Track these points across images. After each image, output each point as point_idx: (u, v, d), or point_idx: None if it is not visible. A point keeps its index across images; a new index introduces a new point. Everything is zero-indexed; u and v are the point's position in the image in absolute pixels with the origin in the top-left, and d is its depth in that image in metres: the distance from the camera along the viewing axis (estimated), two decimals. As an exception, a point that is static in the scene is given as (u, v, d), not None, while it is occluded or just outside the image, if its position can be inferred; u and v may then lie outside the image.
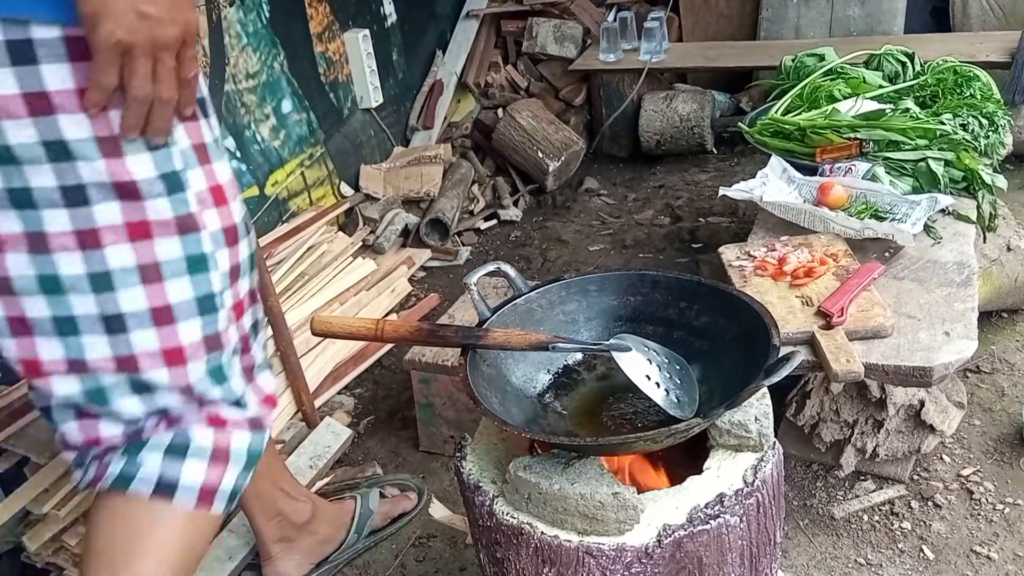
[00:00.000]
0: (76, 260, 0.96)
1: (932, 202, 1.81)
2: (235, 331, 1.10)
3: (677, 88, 3.68)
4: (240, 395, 1.12)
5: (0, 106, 0.89)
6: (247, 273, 1.11)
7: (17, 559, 1.80)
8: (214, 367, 1.07)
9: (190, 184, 1.00)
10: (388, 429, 2.26)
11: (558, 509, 1.05)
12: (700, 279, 1.26)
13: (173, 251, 1.00)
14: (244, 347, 1.14)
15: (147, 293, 0.99)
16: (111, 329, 1.00)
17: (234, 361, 1.11)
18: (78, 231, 0.95)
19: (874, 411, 1.79)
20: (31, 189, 0.93)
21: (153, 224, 0.98)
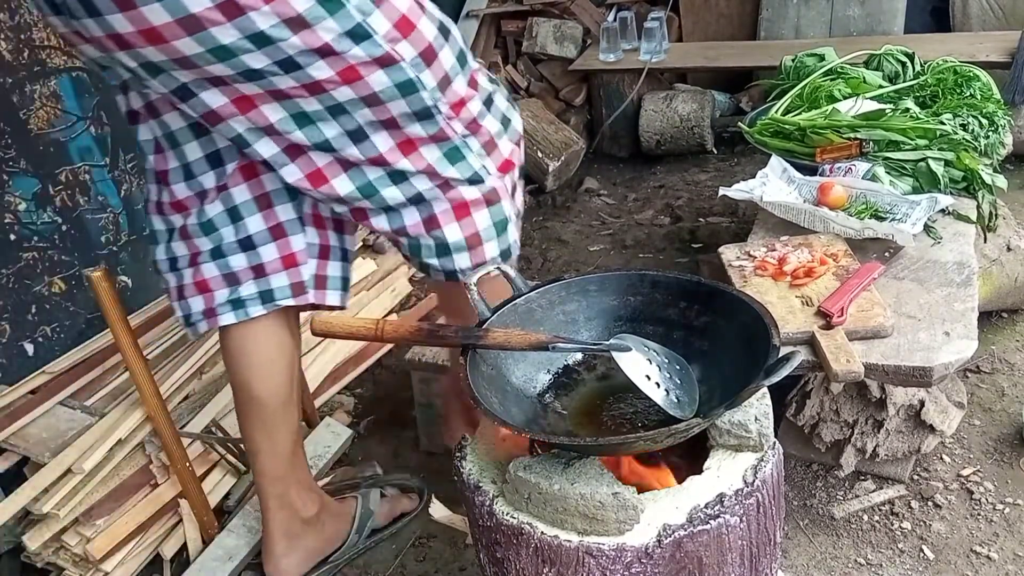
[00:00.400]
0: (313, 102, 1.23)
1: (932, 202, 1.81)
2: (459, 123, 1.34)
3: (677, 88, 3.68)
4: (476, 170, 1.37)
5: (204, 16, 1.10)
6: (458, 73, 1.32)
7: (17, 559, 1.80)
8: (448, 150, 1.34)
9: (375, 29, 1.20)
10: (388, 429, 2.26)
11: (558, 509, 1.04)
12: (700, 279, 1.26)
13: (383, 81, 1.23)
14: (475, 129, 1.37)
15: (373, 112, 1.26)
16: (357, 139, 1.29)
17: (468, 142, 1.36)
18: (304, 84, 1.20)
19: (874, 411, 1.79)
20: (254, 69, 1.17)
21: (358, 66, 1.21)
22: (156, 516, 1.86)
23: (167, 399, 1.88)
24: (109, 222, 2.19)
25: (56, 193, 2.05)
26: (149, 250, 1.55)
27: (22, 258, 1.97)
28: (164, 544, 1.87)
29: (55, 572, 1.80)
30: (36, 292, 2.00)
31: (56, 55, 2.04)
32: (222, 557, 1.81)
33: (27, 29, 1.97)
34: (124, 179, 2.23)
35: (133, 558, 1.83)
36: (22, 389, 1.90)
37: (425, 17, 1.26)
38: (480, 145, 1.38)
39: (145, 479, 1.85)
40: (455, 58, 1.31)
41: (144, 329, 2.09)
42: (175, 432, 1.79)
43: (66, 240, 2.07)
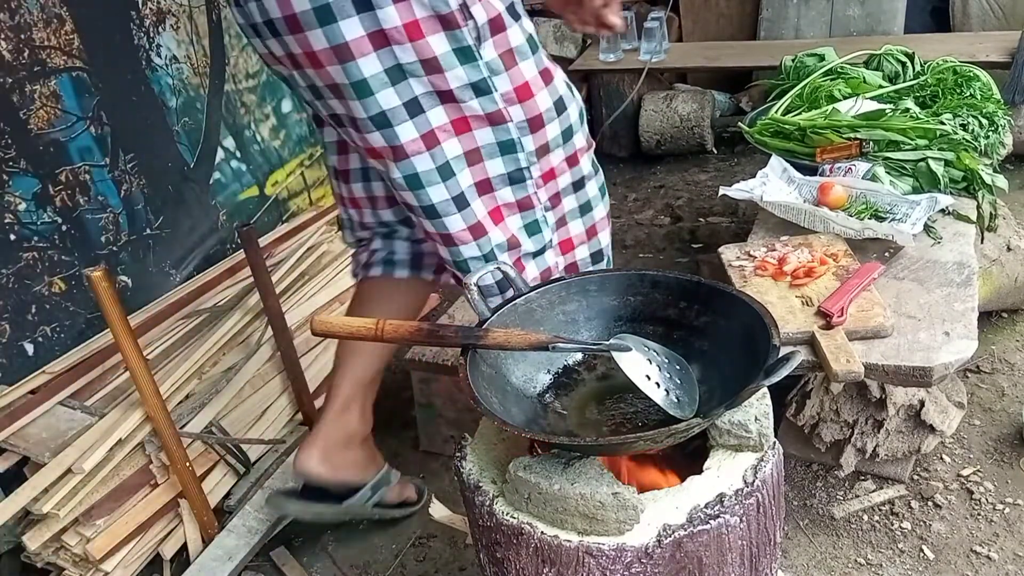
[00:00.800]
0: (426, 158, 1.32)
1: (932, 202, 1.80)
2: (544, 192, 1.44)
3: (677, 88, 3.68)
4: (546, 243, 1.48)
5: (354, 45, 1.22)
6: (559, 146, 1.42)
7: (17, 559, 1.80)
8: (530, 222, 1.44)
9: (496, 87, 1.31)
10: (388, 429, 2.26)
11: (558, 509, 1.04)
12: (700, 279, 1.26)
13: (488, 138, 1.34)
14: (555, 203, 1.47)
15: (472, 173, 1.36)
16: (460, 207, 1.38)
17: (547, 216, 1.46)
18: (422, 135, 1.30)
19: (874, 411, 1.79)
20: (383, 111, 1.28)
21: (471, 119, 1.32)
22: (156, 516, 1.86)
23: (167, 399, 1.88)
24: (109, 222, 2.19)
25: (56, 193, 2.05)
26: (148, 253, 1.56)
27: (22, 258, 1.97)
28: (164, 544, 1.87)
29: (55, 572, 1.80)
30: (36, 292, 2.00)
31: (56, 55, 2.04)
32: (222, 557, 1.81)
33: (27, 29, 1.97)
34: (124, 179, 2.23)
35: (133, 558, 1.83)
36: (22, 389, 1.90)
37: (546, 90, 1.37)
38: (554, 220, 1.49)
39: (145, 479, 1.85)
40: (560, 132, 1.42)
41: (144, 329, 2.10)
42: (175, 432, 1.79)
43: (66, 240, 2.07)
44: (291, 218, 2.84)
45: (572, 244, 1.53)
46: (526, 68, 1.34)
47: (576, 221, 1.52)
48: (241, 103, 2.65)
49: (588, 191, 1.52)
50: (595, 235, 1.57)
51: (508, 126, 1.35)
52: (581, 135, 1.47)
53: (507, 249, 1.44)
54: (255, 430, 2.07)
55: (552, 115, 1.39)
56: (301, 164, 2.91)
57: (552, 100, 1.38)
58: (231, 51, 2.60)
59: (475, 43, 1.28)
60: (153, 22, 2.33)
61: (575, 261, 1.55)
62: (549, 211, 1.47)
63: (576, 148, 1.46)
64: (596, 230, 1.56)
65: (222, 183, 2.58)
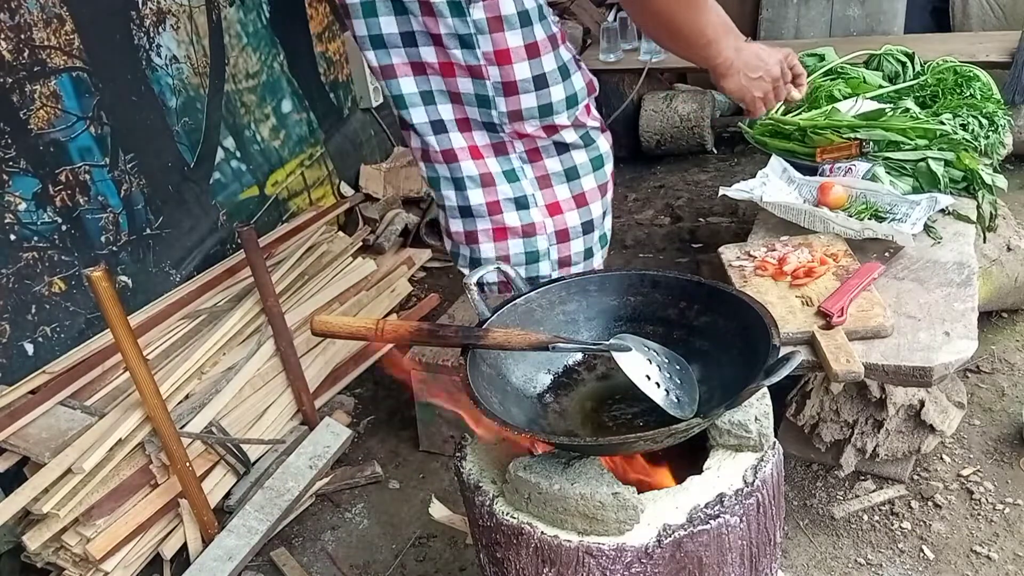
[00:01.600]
0: (410, 83, 1.47)
1: (932, 202, 1.80)
2: (551, 223, 1.56)
3: (677, 88, 3.68)
4: (526, 195, 1.54)
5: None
6: (534, 117, 1.47)
7: (17, 559, 1.80)
8: (507, 169, 1.52)
9: (479, 45, 1.39)
10: (388, 429, 2.27)
11: (558, 509, 1.04)
12: (700, 279, 1.26)
13: (467, 87, 1.44)
14: (533, 157, 1.53)
15: (453, 108, 1.48)
16: (436, 131, 1.51)
17: (527, 169, 1.53)
18: (411, 63, 1.45)
19: (874, 411, 1.79)
20: (382, 34, 1.42)
21: (455, 66, 1.42)
22: (156, 516, 1.86)
23: (167, 399, 1.88)
24: (109, 222, 2.19)
25: (56, 193, 2.05)
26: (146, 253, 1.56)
27: (22, 258, 1.97)
28: (164, 544, 1.87)
29: (55, 572, 1.80)
30: (36, 292, 2.00)
31: (56, 55, 2.04)
32: (222, 557, 1.81)
33: (27, 29, 1.97)
34: (124, 179, 2.23)
35: (133, 558, 1.83)
36: (22, 389, 1.90)
37: (528, 63, 1.43)
38: (534, 175, 1.55)
39: (145, 479, 1.85)
40: (538, 106, 1.47)
41: (144, 329, 2.10)
42: (175, 432, 1.79)
43: (66, 240, 2.07)
44: (291, 218, 2.84)
45: (560, 208, 1.58)
46: (511, 37, 1.40)
47: (562, 185, 1.56)
48: (241, 103, 2.65)
49: (575, 158, 1.55)
50: (585, 204, 1.60)
51: (486, 83, 1.43)
52: (565, 115, 1.50)
53: (480, 185, 1.53)
54: (255, 430, 2.07)
55: (528, 87, 1.44)
56: (301, 164, 2.91)
57: (532, 73, 1.43)
58: (231, 51, 2.60)
59: (466, 2, 1.37)
60: (153, 22, 2.33)
61: (566, 227, 1.59)
62: (527, 164, 1.54)
63: (556, 123, 1.50)
64: (586, 199, 1.59)
65: (222, 183, 2.58)
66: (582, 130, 1.54)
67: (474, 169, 1.52)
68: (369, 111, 3.24)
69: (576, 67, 1.50)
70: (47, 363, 1.98)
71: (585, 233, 1.61)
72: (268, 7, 2.73)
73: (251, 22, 2.67)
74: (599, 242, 1.66)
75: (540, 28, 1.43)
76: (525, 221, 1.56)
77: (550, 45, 1.44)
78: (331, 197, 3.07)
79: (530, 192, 1.54)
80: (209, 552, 1.83)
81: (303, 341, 2.23)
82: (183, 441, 1.81)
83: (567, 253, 1.61)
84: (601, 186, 1.60)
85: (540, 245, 1.59)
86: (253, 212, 2.71)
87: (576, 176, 1.57)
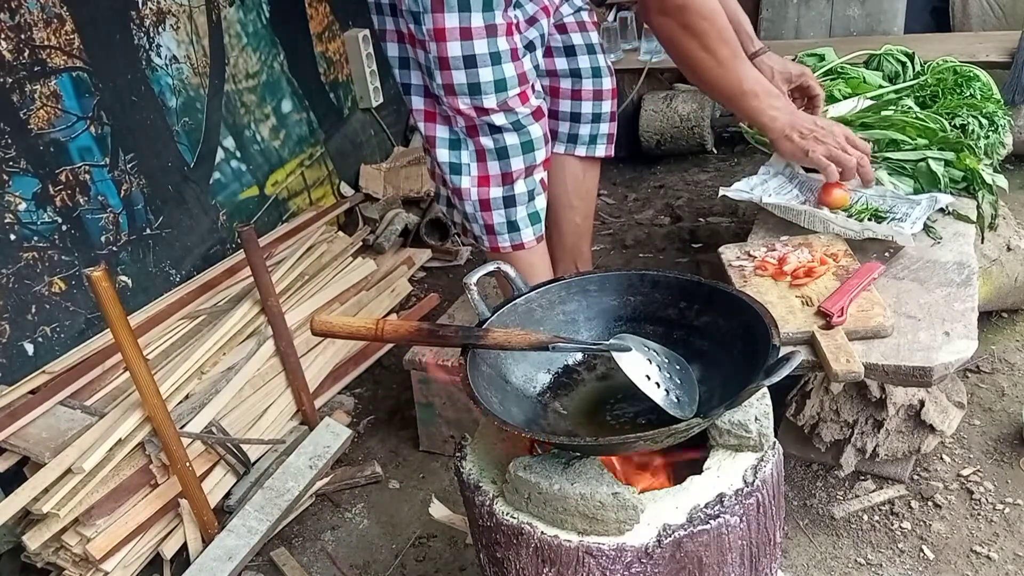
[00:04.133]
0: (389, 48, 1.76)
1: (932, 202, 1.80)
2: (476, 192, 1.76)
3: (677, 88, 3.68)
4: (462, 164, 1.75)
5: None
6: (464, 94, 1.64)
7: (17, 559, 1.80)
8: (452, 138, 1.73)
9: (424, 22, 1.60)
10: (388, 429, 2.27)
11: (558, 509, 1.04)
12: (700, 279, 1.26)
13: (420, 57, 1.67)
14: (471, 133, 1.71)
15: (412, 74, 1.74)
16: (405, 92, 1.76)
17: (469, 143, 1.72)
18: (381, 29, 1.75)
19: (874, 411, 1.79)
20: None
21: (408, 36, 1.67)
22: (156, 516, 1.86)
23: (167, 399, 1.88)
24: (109, 222, 2.19)
25: (56, 193, 2.05)
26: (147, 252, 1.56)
27: (22, 258, 1.97)
28: (164, 544, 1.87)
29: (55, 572, 1.80)
30: (36, 292, 2.00)
31: (56, 55, 2.04)
32: (222, 557, 1.81)
33: (27, 29, 1.97)
34: (124, 179, 2.23)
35: (133, 558, 1.83)
36: (22, 389, 1.90)
37: (460, 43, 1.59)
38: (474, 149, 1.72)
39: (145, 479, 1.85)
40: (467, 83, 1.63)
41: (144, 329, 2.10)
42: (175, 432, 1.79)
43: (66, 240, 2.07)
44: (291, 218, 2.84)
45: (488, 181, 1.76)
46: (449, 18, 1.57)
47: (494, 162, 1.73)
48: (241, 103, 2.65)
49: (505, 139, 1.71)
50: (511, 182, 1.76)
51: (428, 56, 1.63)
52: (493, 98, 1.65)
53: (431, 146, 1.75)
54: (255, 430, 2.07)
55: (459, 64, 1.61)
56: (301, 164, 2.91)
57: (463, 53, 1.60)
58: (231, 51, 2.60)
59: None
60: (153, 22, 2.33)
61: (488, 198, 1.77)
62: (467, 138, 1.72)
63: (485, 104, 1.65)
64: (512, 178, 1.75)
65: (222, 183, 2.58)
66: (512, 116, 1.69)
67: (424, 131, 1.75)
68: (369, 111, 3.24)
69: (513, 58, 1.65)
70: (47, 363, 1.98)
71: (507, 207, 1.79)
72: (268, 7, 2.73)
73: (251, 22, 2.67)
74: (529, 219, 1.82)
75: (480, 16, 1.58)
76: (455, 185, 1.76)
77: (486, 33, 1.60)
78: (331, 197, 3.07)
79: (466, 162, 1.74)
80: (209, 552, 1.83)
81: (303, 341, 2.23)
82: (183, 441, 1.81)
83: (490, 222, 1.80)
84: (529, 167, 1.76)
85: (467, 209, 1.79)
86: (253, 212, 2.71)
87: (506, 156, 1.73)
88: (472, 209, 1.79)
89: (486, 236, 1.83)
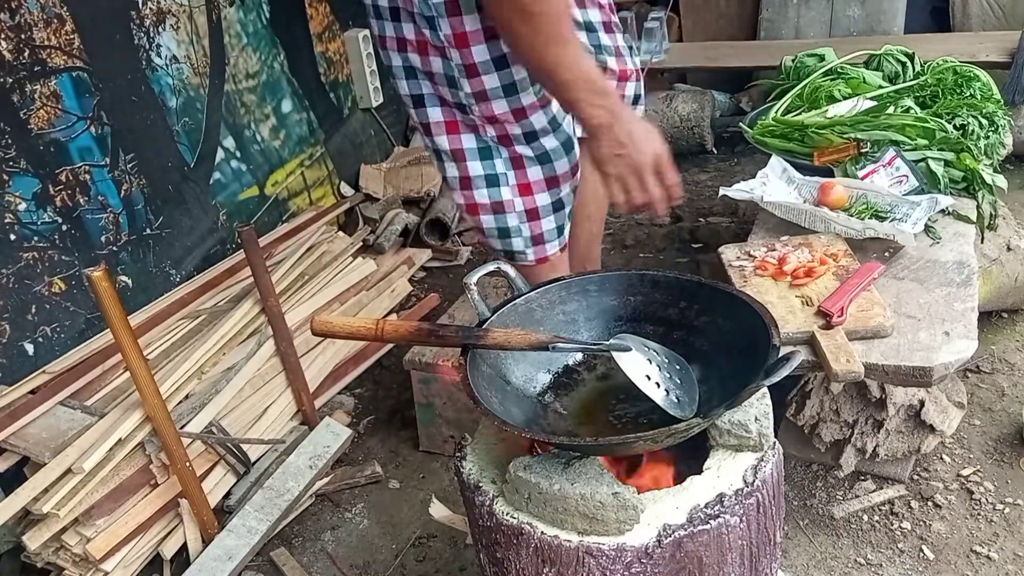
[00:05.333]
0: (396, 57, 1.56)
1: (932, 202, 1.80)
2: (492, 129, 1.55)
3: (677, 88, 3.68)
4: (498, 174, 1.60)
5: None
6: (500, 97, 1.49)
7: (17, 559, 1.80)
8: (482, 147, 1.57)
9: (441, 28, 1.44)
10: (388, 429, 2.27)
11: (558, 509, 1.04)
12: (700, 279, 1.26)
13: (439, 67, 1.50)
14: (505, 143, 1.57)
15: (433, 86, 1.55)
16: (416, 104, 1.58)
17: (522, 227, 1.63)
18: (396, 37, 1.53)
19: (874, 411, 1.79)
20: (379, 5, 1.50)
21: (428, 45, 1.49)
22: (156, 516, 1.86)
23: (167, 399, 1.88)
24: (109, 222, 2.19)
25: (56, 193, 2.05)
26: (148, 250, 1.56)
27: (22, 258, 1.97)
28: (164, 544, 1.87)
29: (55, 572, 1.80)
30: (36, 292, 2.00)
31: (56, 55, 2.04)
32: (222, 557, 1.81)
33: (27, 29, 1.97)
34: (124, 179, 2.23)
35: (133, 558, 1.83)
36: (22, 389, 1.90)
37: (485, 46, 1.45)
38: (508, 156, 1.58)
39: (145, 479, 1.85)
40: (501, 86, 1.49)
41: (144, 329, 2.10)
42: (175, 432, 1.79)
43: (66, 240, 2.07)
44: (291, 218, 2.84)
45: (531, 189, 1.62)
46: (468, 21, 1.43)
47: (535, 167, 1.60)
48: (241, 103, 2.65)
49: (545, 144, 1.58)
50: (557, 185, 1.63)
51: (451, 63, 1.48)
52: (531, 92, 1.51)
53: (454, 159, 1.59)
54: (255, 430, 2.07)
55: (489, 68, 1.47)
56: (301, 164, 2.91)
57: (491, 56, 1.46)
58: (231, 51, 2.60)
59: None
60: (153, 22, 2.33)
61: (536, 207, 1.64)
62: (500, 146, 1.58)
63: (524, 103, 1.52)
64: (558, 181, 1.63)
65: (222, 183, 2.58)
66: (549, 112, 1.55)
67: (446, 144, 1.58)
68: (369, 111, 3.24)
69: None
70: (47, 363, 1.98)
71: (556, 211, 1.66)
72: (268, 7, 2.73)
73: (251, 22, 2.67)
74: (568, 216, 1.71)
75: None
76: (494, 199, 1.61)
77: None
78: (331, 197, 3.07)
79: (502, 171, 1.59)
80: (209, 552, 1.83)
81: (303, 341, 2.23)
82: (183, 441, 1.81)
83: (539, 231, 1.66)
84: (573, 167, 1.64)
85: (511, 222, 1.63)
86: (253, 212, 2.71)
87: (549, 160, 1.59)
88: (515, 222, 1.64)
89: (532, 248, 1.67)
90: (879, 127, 1.97)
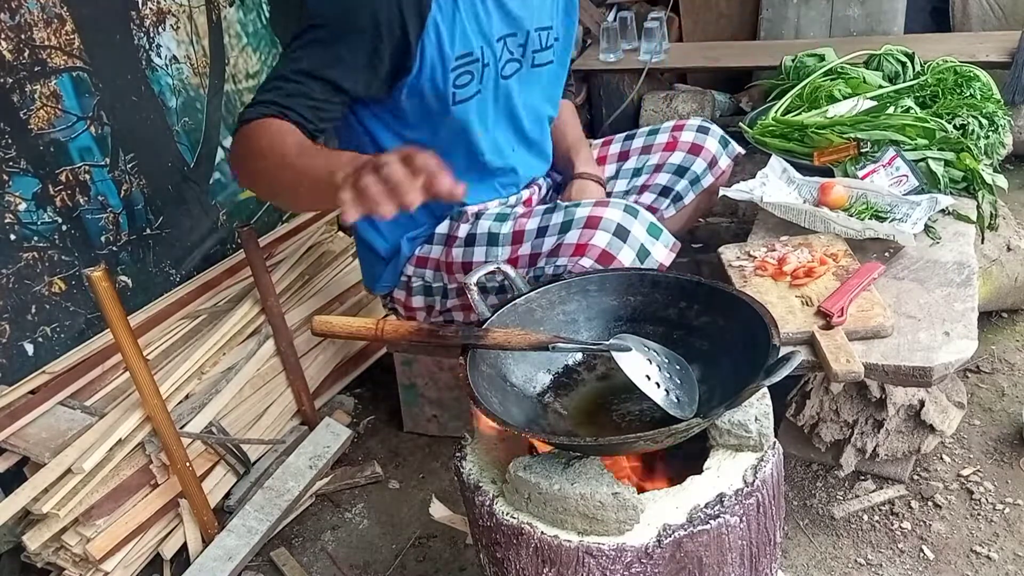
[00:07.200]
0: None
1: (932, 202, 1.80)
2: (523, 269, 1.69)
3: (677, 88, 3.68)
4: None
5: None
6: (530, 240, 1.69)
7: (17, 559, 1.80)
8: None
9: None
10: (388, 429, 2.27)
11: (558, 509, 1.04)
12: (700, 279, 1.26)
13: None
14: (533, 261, 1.69)
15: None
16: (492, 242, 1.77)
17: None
18: None
19: (874, 411, 1.79)
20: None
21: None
22: (156, 516, 1.86)
23: (167, 399, 1.88)
24: (109, 222, 2.19)
25: (56, 193, 2.04)
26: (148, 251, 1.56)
27: (22, 258, 1.97)
28: (164, 544, 1.87)
29: (55, 572, 1.80)
30: (36, 292, 2.00)
31: (56, 55, 2.04)
32: (222, 557, 1.81)
33: (27, 29, 1.97)
34: (124, 179, 2.23)
35: (133, 558, 1.83)
36: (22, 389, 1.90)
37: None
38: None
39: (145, 479, 1.85)
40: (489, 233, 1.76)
41: (144, 329, 2.09)
42: (175, 432, 1.79)
43: (66, 240, 2.07)
44: (291, 218, 2.83)
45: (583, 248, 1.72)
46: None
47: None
48: (241, 103, 2.64)
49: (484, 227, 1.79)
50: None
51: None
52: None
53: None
54: (255, 430, 2.07)
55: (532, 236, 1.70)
56: (301, 164, 2.91)
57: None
58: (231, 51, 2.60)
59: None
60: (153, 22, 2.32)
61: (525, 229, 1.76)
62: (523, 268, 1.71)
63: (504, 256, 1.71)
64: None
65: (222, 183, 2.58)
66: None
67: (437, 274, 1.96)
68: (369, 111, 3.24)
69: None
70: (47, 363, 1.98)
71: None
72: (268, 7, 2.73)
73: (251, 22, 2.67)
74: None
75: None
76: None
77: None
78: (331, 197, 3.06)
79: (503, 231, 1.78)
80: (209, 552, 1.83)
81: (303, 341, 2.23)
82: (183, 441, 1.81)
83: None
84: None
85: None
86: (253, 212, 2.71)
87: (643, 247, 1.69)
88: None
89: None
90: (879, 127, 1.97)
